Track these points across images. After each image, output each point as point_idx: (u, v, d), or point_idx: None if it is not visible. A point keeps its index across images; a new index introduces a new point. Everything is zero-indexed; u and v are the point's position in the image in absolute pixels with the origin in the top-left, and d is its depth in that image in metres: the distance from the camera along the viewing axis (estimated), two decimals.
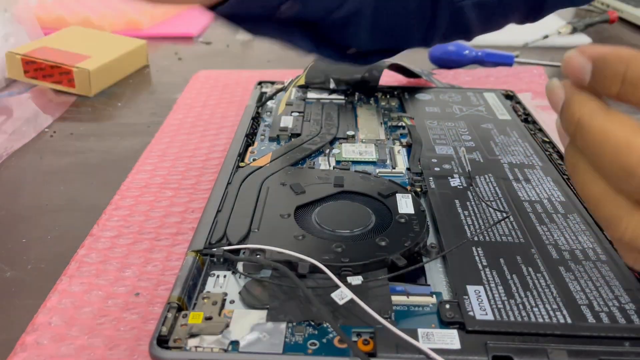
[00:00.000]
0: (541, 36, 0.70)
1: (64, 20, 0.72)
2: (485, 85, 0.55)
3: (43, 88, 0.53)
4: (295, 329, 0.23)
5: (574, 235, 0.29)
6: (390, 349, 0.22)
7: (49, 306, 0.27)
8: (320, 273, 0.25)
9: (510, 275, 0.26)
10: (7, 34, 0.56)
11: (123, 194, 0.36)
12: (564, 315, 0.23)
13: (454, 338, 0.22)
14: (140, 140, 0.44)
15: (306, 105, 0.45)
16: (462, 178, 0.34)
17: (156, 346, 0.21)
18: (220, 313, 0.24)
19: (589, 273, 0.26)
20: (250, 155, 0.38)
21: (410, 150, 0.38)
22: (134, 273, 0.29)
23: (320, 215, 0.30)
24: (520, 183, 0.34)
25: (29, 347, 0.24)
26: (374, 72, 0.46)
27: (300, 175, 0.34)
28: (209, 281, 0.26)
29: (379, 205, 0.31)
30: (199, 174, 0.38)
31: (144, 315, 0.26)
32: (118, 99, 0.53)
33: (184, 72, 0.60)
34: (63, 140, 0.45)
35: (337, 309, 0.24)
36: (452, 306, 0.24)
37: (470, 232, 0.29)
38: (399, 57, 0.39)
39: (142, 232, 0.32)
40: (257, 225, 0.29)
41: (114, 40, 0.60)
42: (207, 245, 0.27)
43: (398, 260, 0.26)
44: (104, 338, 0.25)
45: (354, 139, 0.40)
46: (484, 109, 0.45)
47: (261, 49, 0.70)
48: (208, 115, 0.48)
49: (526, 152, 0.38)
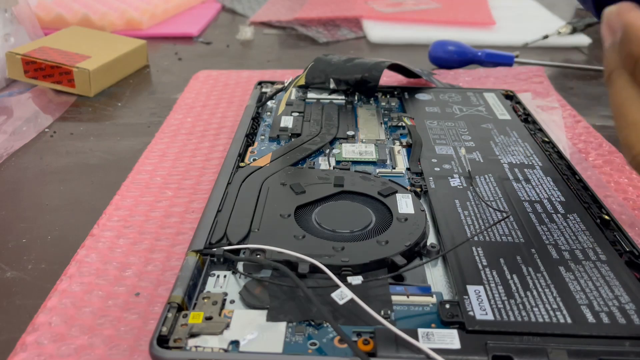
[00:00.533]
0: (541, 36, 0.70)
1: (64, 20, 0.72)
2: (485, 85, 0.55)
3: (43, 88, 0.53)
4: (295, 329, 0.23)
5: (574, 235, 0.29)
6: (390, 349, 0.22)
7: (49, 306, 0.27)
8: (320, 273, 0.25)
9: (510, 275, 0.26)
10: (7, 34, 0.56)
11: (123, 194, 0.36)
12: (564, 315, 0.23)
13: (454, 338, 0.22)
14: (140, 140, 0.44)
15: (306, 105, 0.45)
16: (462, 178, 0.34)
17: (156, 346, 0.22)
18: (221, 313, 0.24)
19: (589, 273, 0.26)
20: (250, 155, 0.38)
21: (410, 150, 0.38)
22: (134, 273, 0.29)
23: (321, 215, 0.30)
24: (520, 183, 0.34)
25: (29, 347, 0.24)
26: (374, 72, 0.46)
27: (301, 175, 0.34)
28: (209, 281, 0.26)
29: (379, 205, 0.31)
30: (199, 174, 0.38)
31: (144, 315, 0.26)
32: (118, 99, 0.53)
33: (184, 72, 0.60)
34: (63, 140, 0.45)
35: (337, 309, 0.24)
36: (452, 306, 0.24)
37: (470, 232, 0.29)
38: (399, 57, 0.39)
39: (142, 232, 0.32)
40: (257, 225, 0.29)
41: (114, 40, 0.60)
42: (207, 245, 0.27)
43: (398, 260, 0.26)
44: (104, 338, 0.25)
45: (354, 139, 0.40)
46: (484, 109, 0.45)
47: (261, 49, 0.70)
48: (208, 115, 0.48)
49: (526, 152, 0.38)
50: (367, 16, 0.79)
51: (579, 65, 0.63)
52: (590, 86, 0.58)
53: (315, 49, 0.70)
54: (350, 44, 0.72)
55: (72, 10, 0.73)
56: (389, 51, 0.69)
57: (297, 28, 0.77)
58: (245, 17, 0.85)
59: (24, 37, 0.59)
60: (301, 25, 0.78)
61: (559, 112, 0.49)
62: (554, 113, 0.48)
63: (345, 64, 0.47)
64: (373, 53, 0.69)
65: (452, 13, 0.80)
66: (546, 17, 0.82)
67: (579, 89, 0.57)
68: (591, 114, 0.51)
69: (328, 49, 0.70)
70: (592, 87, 0.58)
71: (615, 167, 0.40)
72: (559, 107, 0.50)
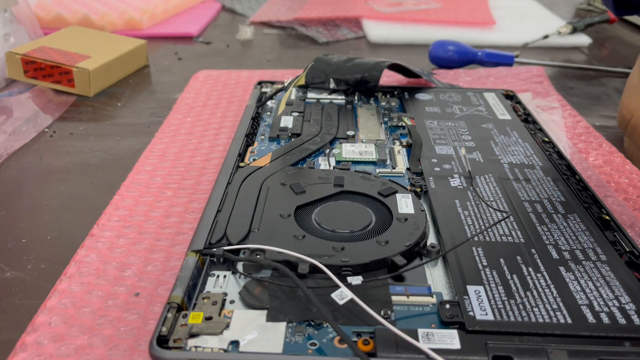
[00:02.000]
0: (541, 36, 0.70)
1: (64, 19, 0.72)
2: (485, 85, 0.55)
3: (43, 88, 0.53)
4: (295, 329, 0.23)
5: (574, 235, 0.29)
6: (390, 349, 0.22)
7: (49, 306, 0.27)
8: (320, 273, 0.25)
9: (510, 275, 0.26)
10: (7, 33, 0.56)
11: (123, 194, 0.36)
12: (564, 315, 0.23)
13: (454, 338, 0.22)
14: (140, 140, 0.44)
15: (306, 105, 0.45)
16: (462, 178, 0.34)
17: (156, 346, 0.21)
18: (220, 313, 0.24)
19: (589, 273, 0.26)
20: (250, 155, 0.38)
21: (410, 150, 0.38)
22: (134, 273, 0.29)
23: (320, 215, 0.30)
24: (520, 183, 0.34)
25: (29, 347, 0.24)
26: (373, 72, 0.46)
27: (300, 175, 0.34)
28: (209, 281, 0.26)
29: (379, 205, 0.31)
30: (199, 174, 0.38)
31: (144, 315, 0.26)
32: (118, 99, 0.53)
33: (184, 72, 0.60)
34: (63, 140, 0.45)
35: (337, 309, 0.24)
36: (452, 306, 0.24)
37: (470, 232, 0.29)
38: (399, 57, 0.39)
39: (142, 232, 0.32)
40: (257, 225, 0.29)
41: (114, 40, 0.60)
42: (207, 245, 0.27)
43: (398, 261, 0.26)
44: (104, 338, 0.25)
45: (354, 139, 0.40)
46: (484, 109, 0.45)
47: (261, 48, 0.70)
48: (208, 115, 0.48)
49: (526, 152, 0.38)
50: (367, 16, 0.79)
51: (579, 65, 0.63)
52: (590, 86, 0.58)
53: (315, 49, 0.70)
54: (350, 44, 0.72)
55: (72, 10, 0.73)
56: (389, 51, 0.69)
57: (297, 28, 0.77)
58: (245, 17, 0.85)
59: (24, 37, 0.59)
60: (301, 25, 0.78)
61: (559, 112, 0.49)
62: (554, 113, 0.48)
63: (345, 64, 0.47)
64: (373, 53, 0.69)
65: (452, 13, 0.80)
66: (546, 17, 0.82)
67: (579, 89, 0.57)
68: (591, 114, 0.51)
69: (328, 49, 0.70)
70: (592, 87, 0.58)
71: (615, 167, 0.40)
72: (559, 107, 0.50)
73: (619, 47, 0.73)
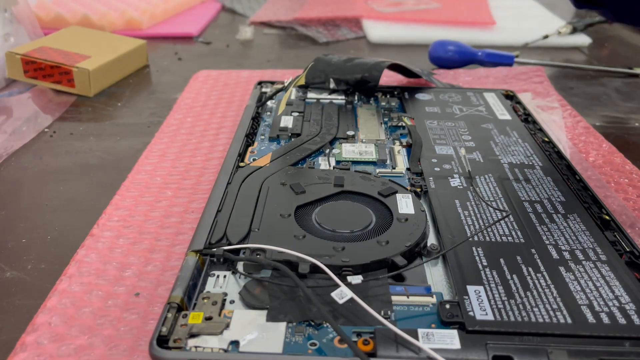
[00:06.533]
0: (541, 36, 0.70)
1: (64, 20, 0.72)
2: (485, 85, 0.55)
3: (43, 88, 0.53)
4: (295, 329, 0.23)
5: (574, 235, 0.29)
6: (390, 349, 0.22)
7: (49, 306, 0.27)
8: (321, 273, 0.25)
9: (510, 275, 0.26)
10: (6, 33, 0.56)
11: (123, 194, 0.36)
12: (564, 315, 0.23)
13: (454, 338, 0.22)
14: (140, 140, 0.44)
15: (306, 105, 0.45)
16: (462, 178, 0.34)
17: (156, 346, 0.21)
18: (220, 313, 0.24)
19: (589, 273, 0.26)
20: (250, 155, 0.38)
21: (410, 150, 0.38)
22: (134, 273, 0.29)
23: (321, 215, 0.30)
24: (520, 183, 0.34)
25: (29, 347, 0.24)
26: (373, 72, 0.46)
27: (300, 175, 0.34)
28: (209, 281, 0.26)
29: (379, 206, 0.31)
30: (199, 174, 0.38)
31: (144, 315, 0.26)
32: (118, 99, 0.53)
33: (184, 72, 0.60)
34: (63, 140, 0.45)
35: (337, 309, 0.24)
36: (452, 306, 0.24)
37: (470, 232, 0.29)
38: (399, 57, 0.39)
39: (142, 232, 0.32)
40: (257, 225, 0.29)
41: (114, 40, 0.60)
42: (207, 245, 0.27)
43: (398, 261, 0.26)
44: (104, 338, 0.25)
45: (354, 139, 0.40)
46: (484, 109, 0.45)
47: (261, 48, 0.70)
48: (208, 115, 0.48)
49: (526, 152, 0.38)
50: (367, 16, 0.79)
51: (579, 65, 0.63)
52: (590, 86, 0.58)
53: (315, 49, 0.70)
54: (350, 44, 0.72)
55: (72, 10, 0.73)
56: (389, 51, 0.69)
57: (297, 28, 0.77)
58: (245, 17, 0.85)
59: (24, 37, 0.59)
60: (301, 25, 0.78)
61: (559, 112, 0.49)
62: (554, 113, 0.48)
63: (345, 64, 0.47)
64: (373, 53, 0.69)
65: (452, 13, 0.80)
66: (546, 17, 0.82)
67: (579, 89, 0.57)
68: (591, 114, 0.51)
69: (328, 49, 0.70)
70: (592, 87, 0.58)
71: (615, 167, 0.40)
72: (559, 107, 0.50)
73: (619, 47, 0.73)
